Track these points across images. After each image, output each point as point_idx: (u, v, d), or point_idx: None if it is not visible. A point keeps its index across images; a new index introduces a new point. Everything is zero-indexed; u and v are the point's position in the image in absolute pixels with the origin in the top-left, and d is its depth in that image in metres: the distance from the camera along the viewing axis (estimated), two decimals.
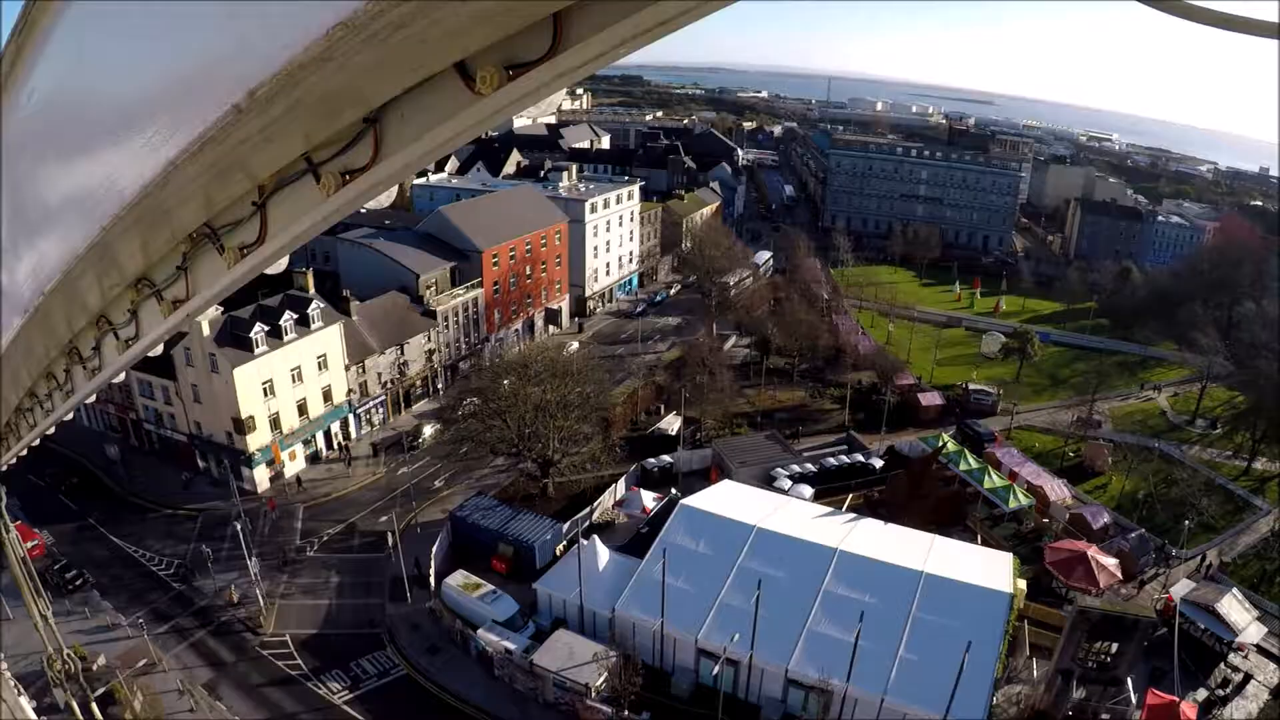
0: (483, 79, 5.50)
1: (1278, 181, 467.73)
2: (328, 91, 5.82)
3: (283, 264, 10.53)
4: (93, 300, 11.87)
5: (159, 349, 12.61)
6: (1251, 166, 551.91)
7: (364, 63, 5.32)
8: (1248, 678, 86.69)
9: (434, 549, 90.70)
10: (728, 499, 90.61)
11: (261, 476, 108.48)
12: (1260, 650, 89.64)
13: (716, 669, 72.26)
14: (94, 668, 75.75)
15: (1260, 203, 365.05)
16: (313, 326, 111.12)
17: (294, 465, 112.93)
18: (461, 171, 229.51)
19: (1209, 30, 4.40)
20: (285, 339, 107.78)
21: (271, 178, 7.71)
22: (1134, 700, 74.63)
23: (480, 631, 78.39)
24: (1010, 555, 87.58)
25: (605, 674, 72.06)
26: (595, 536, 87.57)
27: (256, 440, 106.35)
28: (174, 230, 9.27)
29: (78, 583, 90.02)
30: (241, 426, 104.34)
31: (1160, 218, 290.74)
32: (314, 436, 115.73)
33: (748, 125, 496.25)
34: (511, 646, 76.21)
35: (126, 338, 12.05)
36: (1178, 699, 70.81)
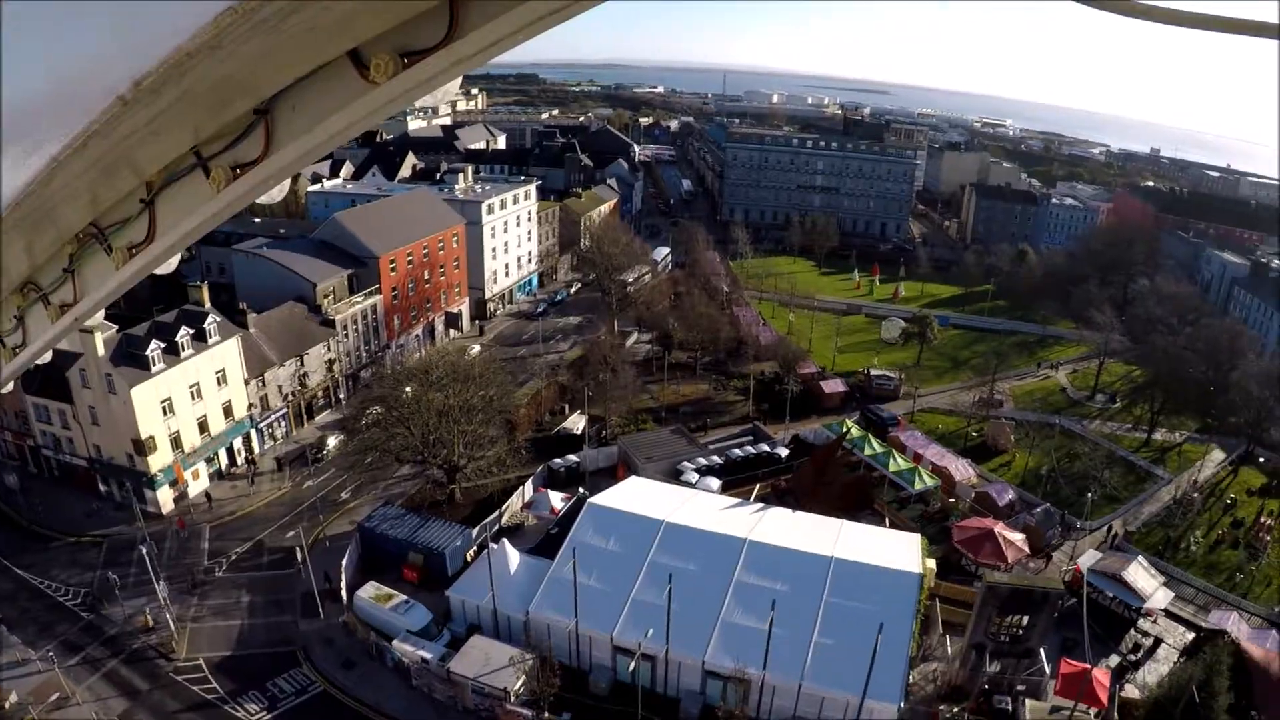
0: (377, 67, 5.41)
1: (1168, 162, 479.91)
2: (217, 81, 5.64)
3: (173, 264, 10.27)
4: None
5: (48, 356, 12.33)
6: (1143, 148, 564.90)
7: (254, 50, 5.18)
8: (1158, 642, 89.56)
9: (344, 562, 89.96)
10: (635, 495, 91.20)
11: (165, 498, 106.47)
12: (1168, 614, 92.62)
13: (633, 665, 72.56)
14: (5, 705, 74.59)
15: (1152, 183, 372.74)
16: (210, 341, 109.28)
17: (198, 484, 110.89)
18: (356, 176, 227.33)
19: (1109, 18, 4.49)
20: (182, 355, 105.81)
21: (160, 173, 7.46)
22: (1048, 670, 76.41)
23: (395, 642, 77.90)
24: (918, 536, 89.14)
25: (523, 677, 72.29)
26: (505, 540, 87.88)
27: (158, 461, 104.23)
28: (60, 231, 8.95)
29: None
30: (142, 448, 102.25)
31: (1054, 200, 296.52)
32: (217, 454, 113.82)
33: (644, 121, 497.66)
34: (427, 655, 75.88)
35: (14, 345, 11.76)
36: (1090, 666, 72.10)
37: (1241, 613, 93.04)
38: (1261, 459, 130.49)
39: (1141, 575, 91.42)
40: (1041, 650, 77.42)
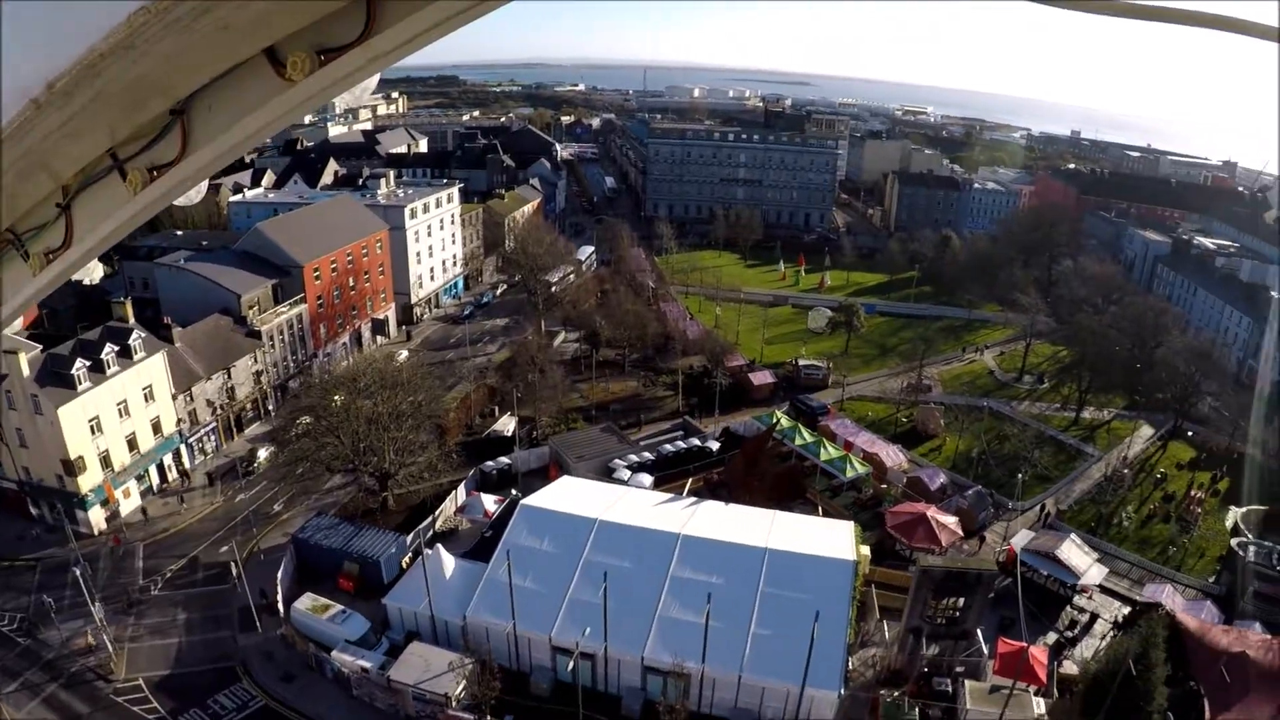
0: (293, 65, 5.41)
1: (1089, 144, 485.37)
2: (131, 81, 5.55)
3: (96, 273, 10.48)
4: None
5: None
6: (1064, 130, 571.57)
7: (168, 50, 5.13)
8: (1094, 617, 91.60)
9: (279, 574, 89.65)
10: (568, 495, 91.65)
11: (97, 518, 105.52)
12: (1103, 590, 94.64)
13: (571, 664, 72.86)
14: None
15: (1073, 165, 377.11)
16: (135, 357, 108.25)
17: (129, 503, 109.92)
18: (278, 185, 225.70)
19: (1029, 6, 4.71)
20: (108, 373, 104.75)
21: (75, 177, 7.32)
22: (985, 650, 77.50)
23: (334, 653, 77.97)
24: (851, 523, 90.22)
25: (463, 682, 72.47)
26: (439, 545, 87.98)
27: (88, 481, 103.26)
28: None
29: None
30: (71, 468, 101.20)
31: (976, 185, 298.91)
32: (147, 471, 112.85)
33: (566, 119, 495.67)
34: (367, 665, 75.96)
35: None
36: (1027, 645, 73.12)
37: (1175, 585, 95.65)
38: (1190, 433, 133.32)
39: (1075, 553, 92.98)
40: (979, 631, 78.55)
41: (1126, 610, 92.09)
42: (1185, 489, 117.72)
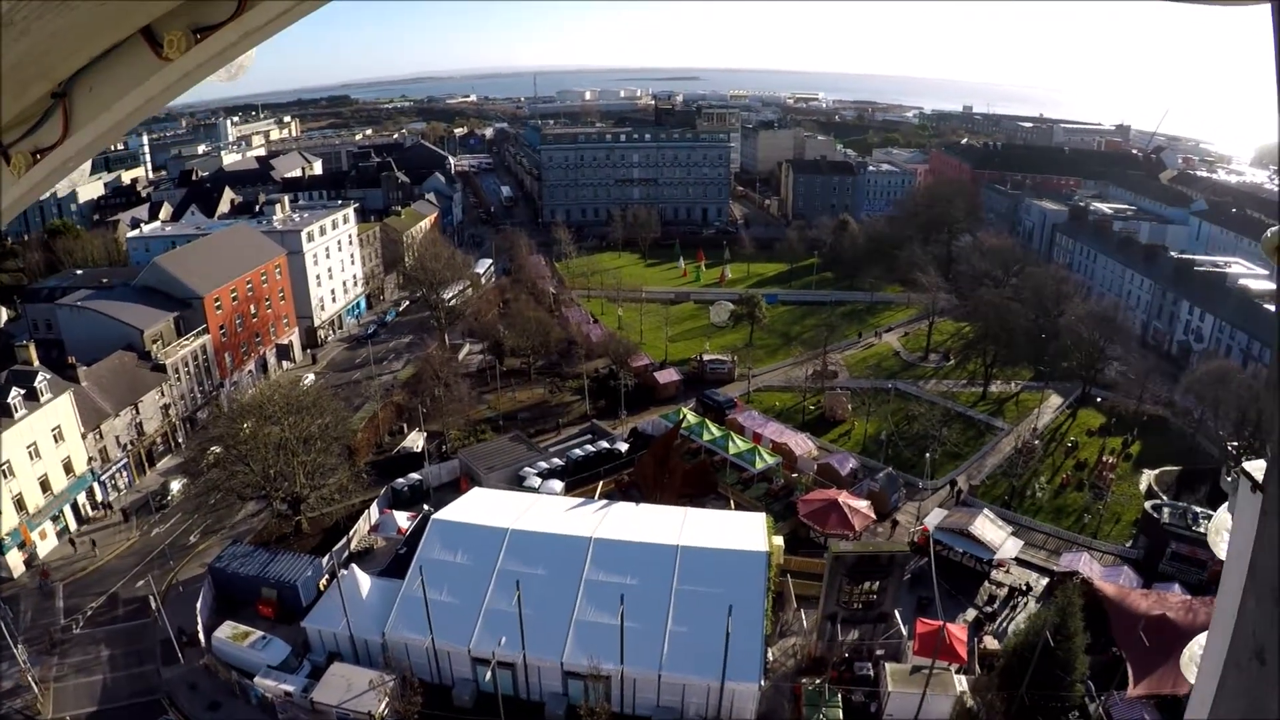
0: (170, 44, 5.65)
1: (981, 118, 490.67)
2: (14, 63, 5.72)
3: None
4: None
5: None
6: (955, 106, 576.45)
7: (48, 29, 5.36)
8: (1013, 591, 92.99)
9: (199, 604, 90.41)
10: (479, 506, 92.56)
11: (15, 561, 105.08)
12: (1020, 562, 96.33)
13: (489, 674, 74.40)
14: None
15: (964, 140, 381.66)
16: (42, 400, 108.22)
17: (45, 544, 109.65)
18: (175, 217, 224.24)
19: None
20: (16, 416, 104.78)
21: None
22: (904, 632, 79.56)
23: (257, 679, 78.54)
24: (763, 515, 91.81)
25: (386, 699, 73.45)
26: (353, 565, 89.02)
27: (4, 525, 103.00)
28: None
29: None
30: None
31: (871, 168, 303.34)
32: (62, 511, 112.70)
33: (459, 131, 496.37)
34: (290, 688, 76.80)
35: None
36: (943, 623, 74.30)
37: (1092, 553, 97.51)
38: (1099, 399, 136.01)
39: (989, 528, 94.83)
40: (897, 613, 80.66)
41: (1045, 581, 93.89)
42: (1097, 456, 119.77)
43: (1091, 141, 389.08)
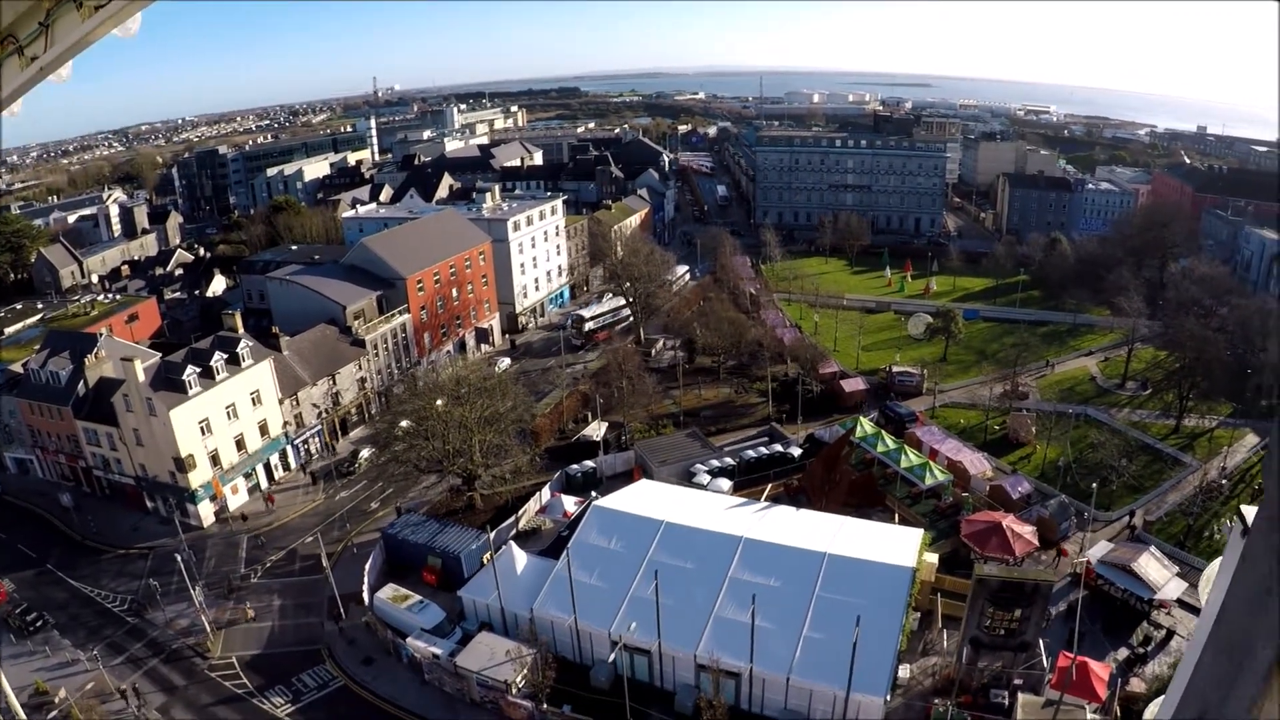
0: (84, 8, 9.57)
1: (1214, 139, 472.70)
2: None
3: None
4: None
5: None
6: (1190, 126, 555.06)
7: None
8: (1170, 634, 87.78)
9: (368, 565, 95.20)
10: (642, 498, 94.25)
11: (206, 512, 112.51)
12: (1182, 605, 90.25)
13: (612, 657, 75.99)
14: (55, 700, 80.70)
15: (1187, 161, 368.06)
16: (243, 365, 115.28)
17: (236, 499, 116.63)
18: (395, 199, 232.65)
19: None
20: (218, 378, 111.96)
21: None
22: (1046, 664, 77.36)
23: (409, 639, 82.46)
24: (920, 531, 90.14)
25: (524, 670, 76.07)
26: (511, 542, 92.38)
27: (198, 477, 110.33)
28: None
29: (38, 624, 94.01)
30: (182, 465, 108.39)
31: (1090, 185, 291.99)
32: (254, 469, 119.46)
33: (682, 128, 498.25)
34: (438, 651, 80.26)
35: None
36: (1084, 659, 72.64)
37: None
38: None
39: (1153, 566, 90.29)
40: (1041, 643, 78.38)
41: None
42: None
43: None
